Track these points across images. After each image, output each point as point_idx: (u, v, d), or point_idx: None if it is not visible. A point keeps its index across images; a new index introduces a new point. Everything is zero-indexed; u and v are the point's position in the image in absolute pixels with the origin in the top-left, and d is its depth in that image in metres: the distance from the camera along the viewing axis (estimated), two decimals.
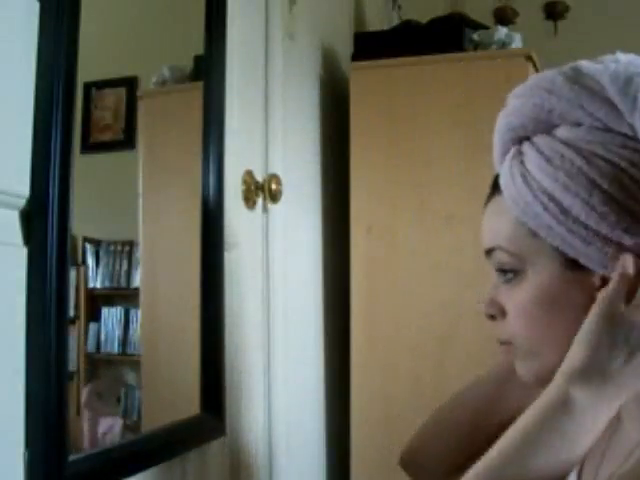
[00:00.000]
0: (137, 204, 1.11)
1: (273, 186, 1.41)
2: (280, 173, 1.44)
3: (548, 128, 0.69)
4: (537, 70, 2.02)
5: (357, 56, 2.04)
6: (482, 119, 2.07)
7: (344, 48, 2.12)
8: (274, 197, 1.41)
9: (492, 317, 0.75)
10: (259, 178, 1.39)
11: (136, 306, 1.13)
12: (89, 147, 1.04)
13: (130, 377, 1.14)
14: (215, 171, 1.15)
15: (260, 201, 1.39)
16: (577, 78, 0.67)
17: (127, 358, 1.13)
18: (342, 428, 1.85)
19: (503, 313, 0.73)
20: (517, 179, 0.69)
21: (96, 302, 1.10)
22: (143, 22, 1.12)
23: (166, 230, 1.18)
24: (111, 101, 1.07)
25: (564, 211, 0.66)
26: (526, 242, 0.69)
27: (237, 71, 1.28)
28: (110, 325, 1.11)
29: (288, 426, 1.47)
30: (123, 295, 1.15)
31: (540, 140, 0.69)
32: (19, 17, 0.73)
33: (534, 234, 0.68)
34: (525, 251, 0.69)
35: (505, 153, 0.73)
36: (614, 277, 0.65)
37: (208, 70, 1.16)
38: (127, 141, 1.11)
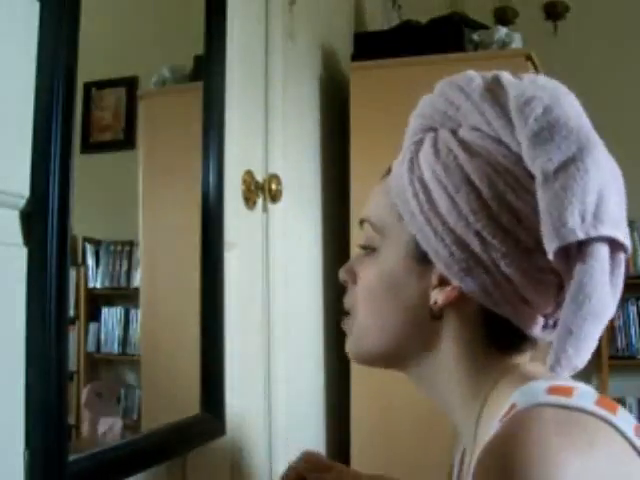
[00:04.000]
0: (137, 204, 1.11)
1: (273, 186, 1.41)
2: (280, 173, 1.44)
3: (454, 126, 0.71)
4: (537, 70, 2.02)
5: (357, 56, 2.04)
6: None
7: (344, 48, 2.12)
8: (274, 197, 1.41)
9: (345, 283, 0.79)
10: (259, 178, 1.39)
11: (136, 306, 1.13)
12: (89, 147, 1.04)
13: (130, 377, 1.14)
14: (215, 171, 1.15)
15: (260, 201, 1.39)
16: (491, 86, 0.69)
17: (127, 358, 1.13)
18: (342, 428, 1.85)
19: (354, 281, 0.76)
20: (405, 164, 0.71)
21: (96, 302, 1.10)
22: (143, 22, 1.12)
23: (166, 230, 1.18)
24: (111, 101, 1.07)
25: (430, 201, 0.67)
26: (391, 225, 0.72)
27: (237, 71, 1.28)
28: (110, 325, 1.11)
29: (288, 426, 1.47)
30: (123, 295, 1.15)
31: (442, 134, 0.71)
32: (19, 17, 0.73)
33: (400, 219, 0.70)
34: (387, 232, 0.72)
35: (412, 138, 0.75)
36: None
37: (208, 70, 1.16)
38: (127, 141, 1.11)
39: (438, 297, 0.68)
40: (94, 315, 1.09)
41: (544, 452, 0.52)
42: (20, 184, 0.73)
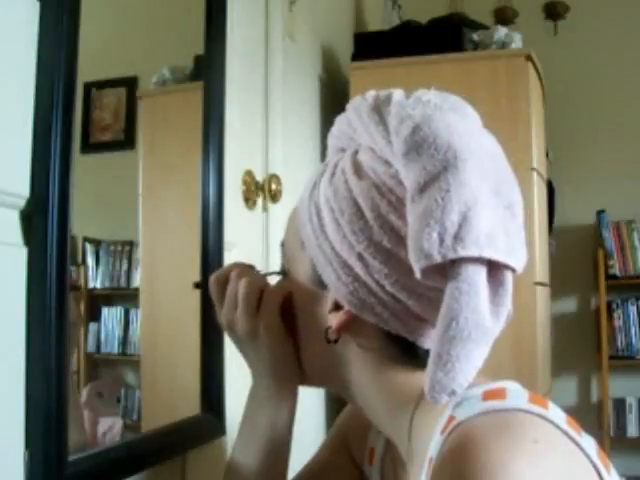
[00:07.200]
0: (137, 204, 1.11)
1: (273, 186, 1.41)
2: (280, 173, 1.44)
3: (356, 146, 0.71)
4: (537, 70, 2.03)
5: (357, 56, 2.05)
6: (481, 119, 2.07)
7: (344, 48, 2.12)
8: (274, 197, 1.41)
9: None
10: (259, 178, 1.39)
11: (136, 306, 1.13)
12: (89, 147, 1.04)
13: (130, 377, 1.14)
14: (215, 171, 1.15)
15: (260, 201, 1.39)
16: (381, 105, 0.66)
17: (127, 358, 1.13)
18: None
19: None
20: (308, 189, 0.72)
21: (96, 302, 1.10)
22: (143, 22, 1.12)
23: (166, 230, 1.18)
24: (111, 101, 1.07)
25: (321, 225, 0.67)
26: (296, 249, 0.71)
27: (237, 71, 1.28)
28: (110, 325, 1.11)
29: None
30: (123, 295, 1.15)
31: (345, 156, 0.70)
32: (19, 17, 0.73)
33: (302, 243, 0.70)
34: (292, 257, 0.72)
35: (326, 159, 0.75)
36: None
37: (208, 70, 1.16)
38: (127, 141, 1.11)
39: (332, 321, 0.67)
40: (94, 315, 1.09)
41: (491, 458, 0.53)
42: (20, 184, 0.73)
